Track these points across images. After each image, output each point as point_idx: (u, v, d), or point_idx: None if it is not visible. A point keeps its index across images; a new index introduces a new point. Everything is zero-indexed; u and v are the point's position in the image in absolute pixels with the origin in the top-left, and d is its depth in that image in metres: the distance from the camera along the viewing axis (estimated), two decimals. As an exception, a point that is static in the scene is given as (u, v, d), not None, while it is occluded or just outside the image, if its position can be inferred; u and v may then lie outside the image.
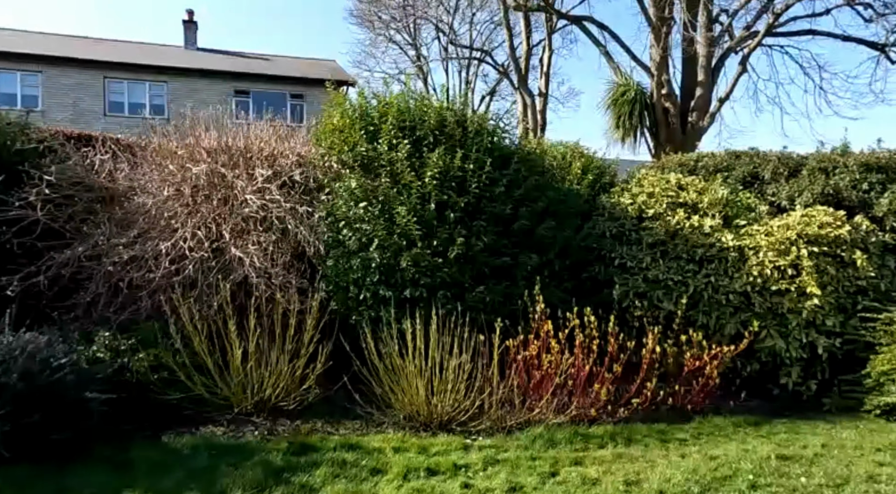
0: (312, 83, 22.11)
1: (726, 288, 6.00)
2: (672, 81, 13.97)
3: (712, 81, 13.36)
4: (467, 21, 25.87)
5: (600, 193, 7.32)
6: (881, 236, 6.16)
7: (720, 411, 5.39)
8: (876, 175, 6.58)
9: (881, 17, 11.94)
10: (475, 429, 4.76)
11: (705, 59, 13.09)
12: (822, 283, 5.81)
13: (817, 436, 4.81)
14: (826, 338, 5.78)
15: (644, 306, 6.03)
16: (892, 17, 11.99)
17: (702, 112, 13.25)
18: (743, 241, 6.14)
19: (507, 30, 19.72)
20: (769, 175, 7.10)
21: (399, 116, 5.92)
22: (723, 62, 13.42)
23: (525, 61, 20.69)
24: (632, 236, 6.65)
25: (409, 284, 5.43)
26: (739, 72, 13.08)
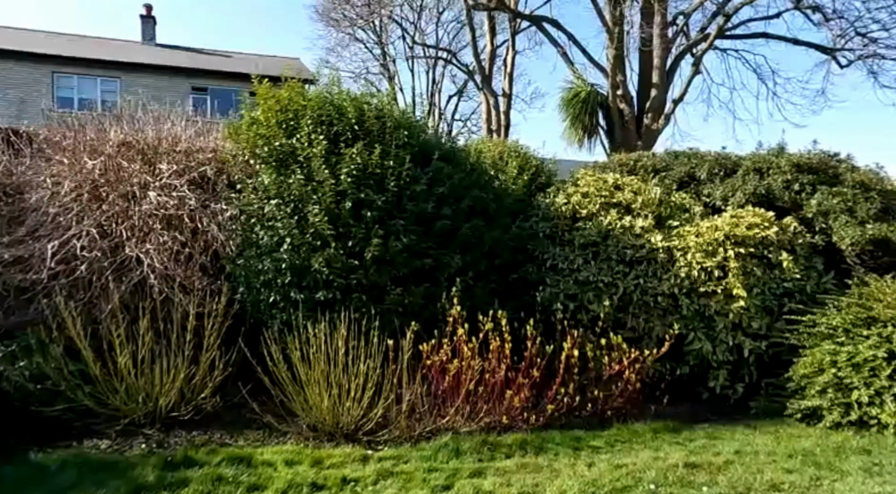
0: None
1: (655, 290, 5.88)
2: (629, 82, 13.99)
3: (667, 83, 13.39)
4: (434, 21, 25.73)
5: (536, 192, 7.18)
6: (808, 238, 6.12)
7: (643, 416, 5.25)
8: (807, 176, 6.54)
9: (829, 21, 12.09)
10: (383, 439, 4.53)
11: (660, 61, 13.11)
12: (749, 285, 5.73)
13: (734, 442, 4.70)
14: (752, 340, 5.70)
15: (570, 308, 5.88)
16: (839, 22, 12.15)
17: (657, 114, 13.26)
18: (672, 242, 6.04)
19: (471, 30, 19.57)
20: (705, 175, 7.03)
21: (318, 109, 5.67)
22: (678, 64, 13.47)
23: (489, 62, 20.57)
24: (565, 236, 6.51)
25: (322, 286, 5.18)
26: (693, 74, 13.13)
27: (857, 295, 5.56)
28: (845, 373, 4.98)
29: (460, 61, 24.28)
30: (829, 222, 6.18)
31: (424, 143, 5.94)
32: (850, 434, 4.79)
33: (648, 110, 13.31)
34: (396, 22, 23.54)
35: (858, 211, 6.07)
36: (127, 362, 4.43)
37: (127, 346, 4.44)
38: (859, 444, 4.57)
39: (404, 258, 5.35)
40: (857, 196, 6.17)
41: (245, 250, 5.47)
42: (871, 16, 11.98)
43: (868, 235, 5.86)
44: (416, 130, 5.93)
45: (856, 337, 5.12)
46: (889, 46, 12.48)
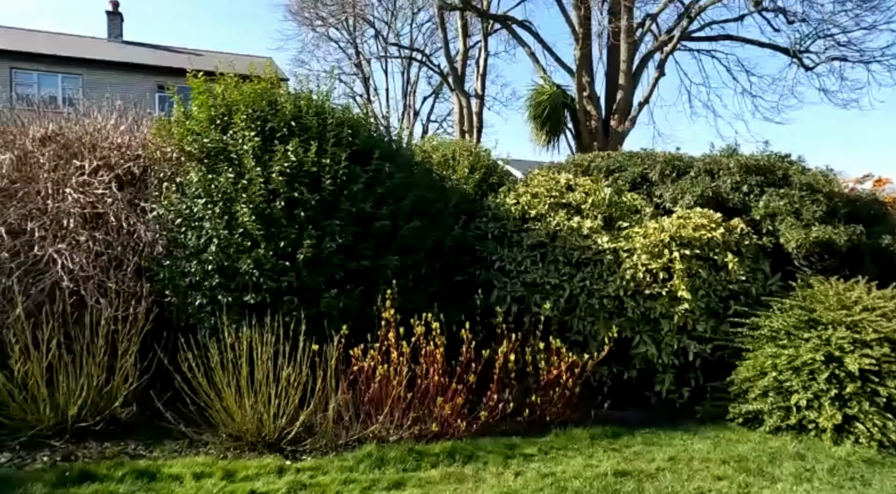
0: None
1: (601, 292, 5.77)
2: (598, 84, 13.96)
3: (634, 85, 13.37)
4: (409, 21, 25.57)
5: (488, 193, 7.04)
6: (755, 240, 6.06)
7: (585, 422, 5.11)
8: (755, 177, 6.49)
9: (789, 24, 12.19)
10: (308, 448, 4.33)
11: (626, 63, 13.09)
12: (695, 287, 5.65)
13: (671, 448, 4.58)
14: (698, 343, 5.61)
15: (514, 311, 5.73)
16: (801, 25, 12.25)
17: (623, 115, 13.24)
18: (619, 243, 5.94)
19: (443, 30, 19.44)
20: (657, 176, 6.95)
21: (252, 105, 5.46)
22: (644, 66, 13.47)
23: (462, 63, 20.45)
24: (514, 237, 6.37)
25: (252, 289, 4.96)
26: (658, 76, 13.14)
27: (801, 297, 5.50)
28: (785, 377, 4.91)
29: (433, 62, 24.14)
30: (775, 224, 6.13)
31: (367, 141, 5.75)
32: (788, 439, 4.71)
33: (615, 112, 13.29)
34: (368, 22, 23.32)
35: (804, 213, 6.03)
36: (32, 369, 4.16)
37: (34, 353, 4.18)
38: (795, 449, 4.49)
39: (340, 260, 5.16)
40: (804, 198, 6.13)
41: (173, 251, 5.24)
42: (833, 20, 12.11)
43: (812, 237, 5.82)
44: (360, 128, 5.74)
45: (797, 340, 5.06)
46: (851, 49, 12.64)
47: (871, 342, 4.72)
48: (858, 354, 4.66)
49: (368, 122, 5.94)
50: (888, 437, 4.38)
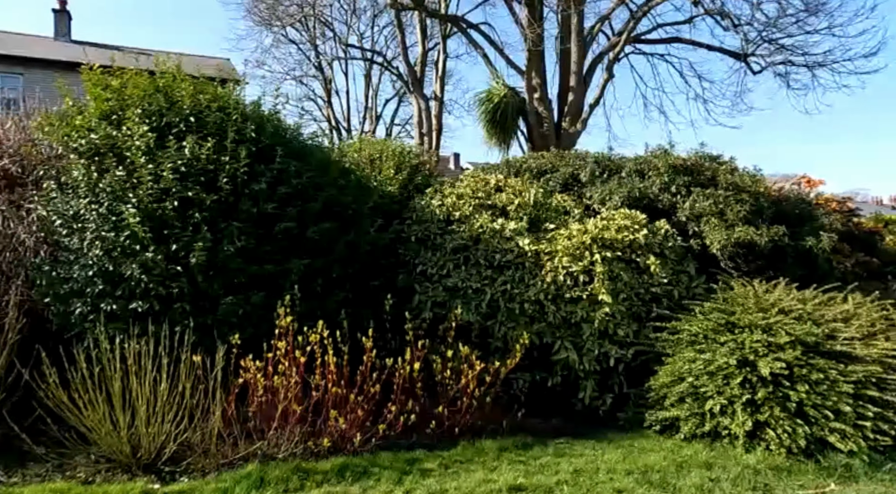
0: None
1: (522, 296, 5.57)
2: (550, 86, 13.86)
3: (585, 87, 13.31)
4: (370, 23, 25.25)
5: (415, 194, 6.80)
6: (679, 241, 5.93)
7: (500, 432, 4.88)
8: (683, 178, 6.39)
9: (737, 27, 12.27)
10: (188, 468, 4.00)
11: (577, 65, 13.01)
12: (616, 290, 5.48)
13: (581, 459, 4.38)
14: (619, 348, 5.44)
15: (429, 318, 5.49)
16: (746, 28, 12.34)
17: (574, 118, 13.15)
18: (540, 246, 5.75)
19: (400, 32, 19.19)
20: (587, 177, 6.80)
21: (146, 99, 5.13)
22: (595, 68, 13.41)
23: (421, 65, 20.22)
24: (437, 240, 6.14)
25: (139, 295, 4.62)
26: (606, 78, 13.09)
27: (722, 300, 5.38)
28: (701, 382, 4.76)
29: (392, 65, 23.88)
30: (701, 225, 6.02)
31: (276, 138, 5.45)
32: (701, 447, 4.56)
33: (566, 114, 13.20)
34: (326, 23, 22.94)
35: (728, 213, 5.94)
36: None
37: None
38: (706, 457, 4.33)
39: (239, 264, 4.84)
40: (729, 198, 6.04)
41: (58, 256, 4.86)
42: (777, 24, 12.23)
43: (734, 237, 5.72)
44: (267, 125, 5.44)
45: (714, 344, 4.92)
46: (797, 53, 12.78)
47: (784, 345, 4.60)
48: (771, 358, 4.53)
49: (278, 118, 5.64)
50: (797, 443, 4.25)
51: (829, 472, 4.08)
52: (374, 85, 26.71)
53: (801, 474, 4.07)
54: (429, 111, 19.32)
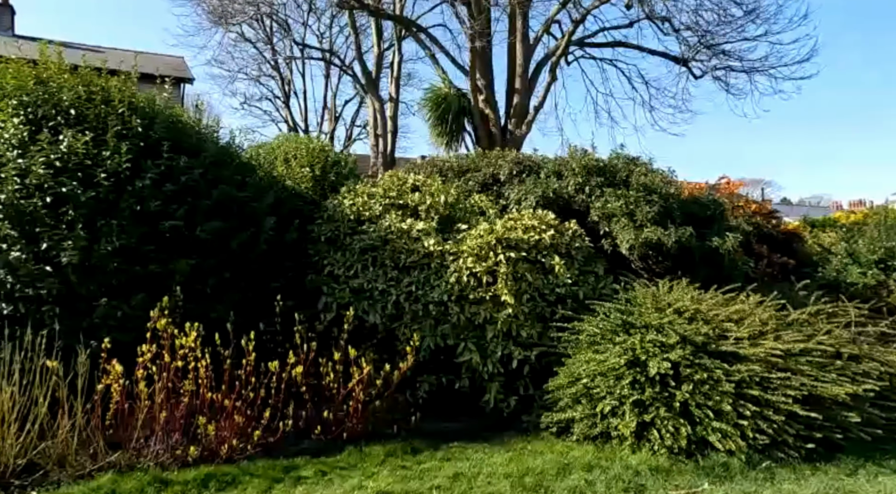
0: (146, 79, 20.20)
1: (426, 298, 5.47)
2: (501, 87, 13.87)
3: (531, 89, 13.34)
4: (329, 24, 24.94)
5: (329, 193, 6.65)
6: (588, 241, 5.91)
7: (394, 437, 4.76)
8: (597, 178, 6.39)
9: (677, 32, 12.46)
10: (42, 481, 3.76)
11: (521, 68, 13.04)
12: (520, 291, 5.42)
13: (468, 462, 4.29)
14: (523, 350, 5.38)
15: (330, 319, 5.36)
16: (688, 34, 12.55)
17: (520, 119, 13.17)
18: (446, 246, 5.66)
19: (354, 32, 19.01)
20: (505, 177, 6.75)
21: (20, 89, 4.87)
22: (540, 70, 13.45)
23: (376, 66, 20.04)
24: (346, 240, 6.00)
25: (3, 297, 4.36)
26: (550, 80, 13.16)
27: (624, 301, 5.37)
28: (595, 383, 4.72)
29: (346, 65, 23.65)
30: (611, 226, 6.02)
31: (170, 133, 5.23)
32: (591, 448, 4.52)
33: (512, 116, 13.21)
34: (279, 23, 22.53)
35: (638, 214, 5.95)
36: None
37: None
38: (591, 459, 4.28)
39: (119, 264, 4.63)
40: (640, 199, 6.05)
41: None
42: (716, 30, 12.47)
43: (642, 238, 5.72)
44: (158, 119, 5.22)
45: (610, 344, 4.89)
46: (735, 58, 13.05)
47: (673, 345, 4.59)
48: (660, 358, 4.52)
49: (174, 112, 5.43)
50: (679, 443, 4.24)
51: (707, 472, 4.06)
52: (333, 86, 26.41)
53: (680, 474, 4.05)
54: (384, 112, 19.16)
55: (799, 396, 4.33)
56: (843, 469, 4.13)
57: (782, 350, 4.53)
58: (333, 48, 24.87)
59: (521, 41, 12.94)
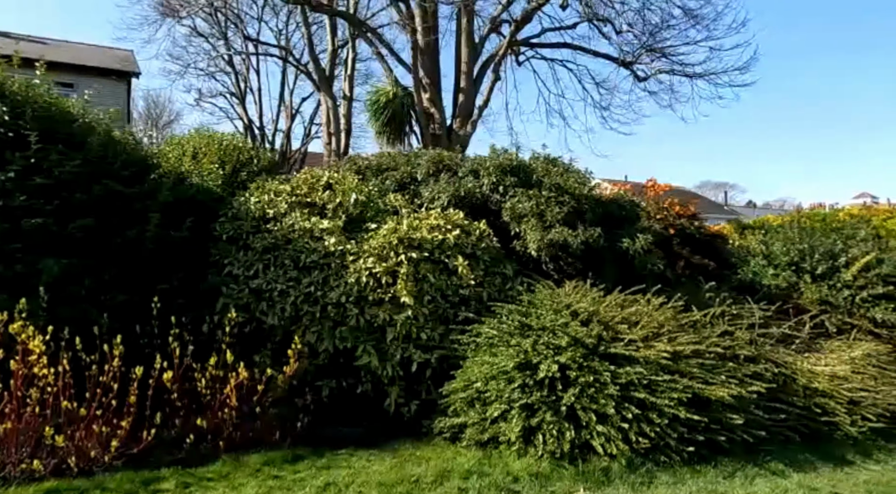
0: (89, 72, 19.52)
1: (325, 299, 5.28)
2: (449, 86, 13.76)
3: (475, 88, 13.27)
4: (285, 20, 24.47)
5: (239, 190, 6.40)
6: (496, 242, 5.80)
7: (278, 444, 4.55)
8: (511, 178, 6.30)
9: (619, 34, 12.56)
10: None
11: (466, 66, 12.97)
12: (422, 292, 5.28)
13: (347, 470, 4.13)
14: (423, 353, 5.23)
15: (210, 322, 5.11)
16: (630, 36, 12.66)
17: (465, 119, 13.09)
18: (347, 246, 5.48)
19: (306, 28, 18.70)
20: (422, 176, 6.61)
21: None
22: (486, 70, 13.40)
23: (330, 63, 19.73)
24: (249, 239, 5.76)
25: None
26: (494, 80, 13.14)
27: (527, 302, 5.28)
28: (488, 387, 4.61)
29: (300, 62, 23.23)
30: (521, 226, 5.94)
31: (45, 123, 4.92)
32: (479, 454, 4.40)
33: (457, 115, 13.12)
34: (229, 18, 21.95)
35: (547, 214, 5.87)
36: None
37: None
38: (474, 465, 4.17)
39: (-23, 264, 4.32)
40: (551, 200, 5.98)
41: None
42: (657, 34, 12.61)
43: (548, 238, 5.65)
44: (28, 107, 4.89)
45: (506, 347, 4.78)
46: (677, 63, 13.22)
47: (565, 346, 4.51)
48: (550, 361, 4.43)
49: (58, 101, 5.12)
50: (563, 448, 4.15)
51: (587, 477, 3.99)
52: (290, 83, 25.93)
53: (559, 479, 3.97)
54: (337, 110, 18.86)
55: (684, 398, 4.29)
56: (721, 472, 4.11)
57: (669, 353, 4.49)
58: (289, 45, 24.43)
59: (466, 40, 12.87)
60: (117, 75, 20.29)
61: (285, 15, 25.18)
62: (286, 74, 26.12)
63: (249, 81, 26.17)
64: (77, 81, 19.51)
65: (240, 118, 26.21)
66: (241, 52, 23.89)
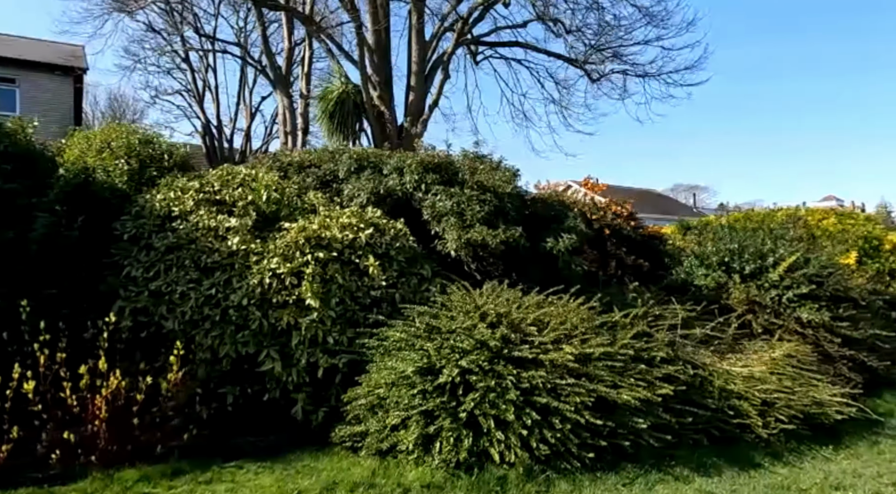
0: (31, 67, 18.81)
1: (226, 301, 5.00)
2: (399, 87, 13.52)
3: (426, 87, 13.07)
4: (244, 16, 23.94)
5: (147, 187, 6.06)
6: (411, 241, 5.59)
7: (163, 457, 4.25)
8: (432, 175, 6.11)
9: (568, 33, 12.50)
10: None
11: (417, 65, 12.75)
12: (330, 294, 5.04)
13: (230, 484, 3.87)
14: (330, 357, 4.99)
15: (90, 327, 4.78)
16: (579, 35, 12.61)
17: (415, 118, 12.87)
18: (251, 245, 5.21)
19: (261, 25, 18.27)
20: (343, 174, 6.37)
21: None
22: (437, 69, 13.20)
23: (286, 61, 19.37)
24: (151, 239, 5.44)
25: None
26: (443, 78, 12.94)
27: (440, 304, 5.08)
28: (390, 392, 4.39)
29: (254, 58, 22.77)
30: (441, 225, 5.74)
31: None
32: (376, 463, 4.17)
33: (408, 114, 12.89)
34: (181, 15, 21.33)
35: (468, 213, 5.69)
36: None
37: None
38: (366, 477, 3.95)
39: None
40: (472, 199, 5.80)
41: None
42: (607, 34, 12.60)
43: (465, 238, 5.48)
44: None
45: (409, 351, 4.57)
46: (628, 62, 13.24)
47: (470, 350, 4.33)
48: (453, 364, 4.24)
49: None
50: (460, 456, 3.96)
51: (481, 486, 3.80)
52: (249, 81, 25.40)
53: (452, 490, 3.77)
54: (293, 109, 18.47)
55: (588, 402, 4.14)
56: (623, 479, 3.97)
57: (574, 355, 4.33)
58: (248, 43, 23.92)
59: (416, 38, 12.65)
60: (62, 71, 19.55)
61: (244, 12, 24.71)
62: (245, 71, 25.61)
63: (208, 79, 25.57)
64: (17, 75, 18.78)
65: (197, 117, 25.58)
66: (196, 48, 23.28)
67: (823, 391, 5.22)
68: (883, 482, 4.05)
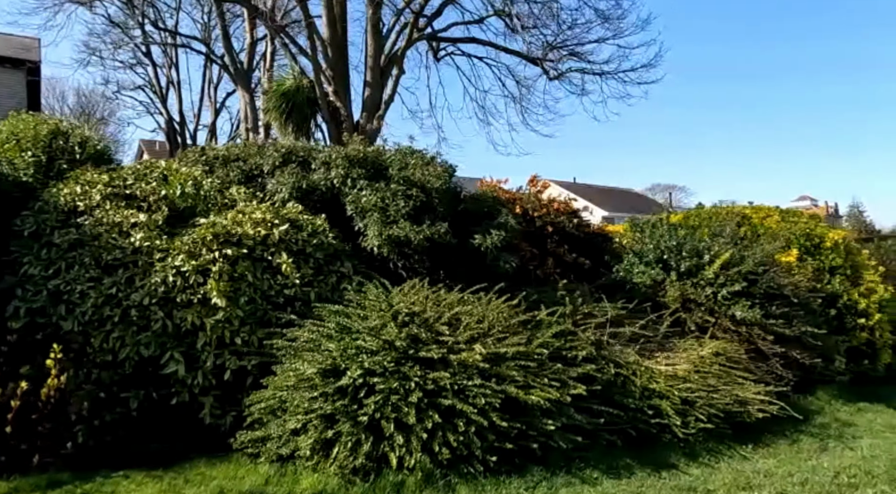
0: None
1: (128, 301, 4.74)
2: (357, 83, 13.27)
3: (382, 82, 12.84)
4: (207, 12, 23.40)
5: (55, 181, 5.75)
6: (331, 238, 5.38)
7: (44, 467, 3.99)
8: (358, 170, 5.90)
9: (525, 29, 12.38)
10: None
11: (372, 60, 12.52)
12: (239, 292, 4.81)
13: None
14: (238, 359, 4.76)
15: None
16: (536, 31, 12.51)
17: (371, 114, 12.64)
18: (156, 242, 4.95)
19: (220, 19, 17.90)
20: (268, 168, 6.13)
21: None
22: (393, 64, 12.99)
23: (248, 56, 18.96)
24: (53, 235, 5.14)
25: None
26: (398, 74, 12.73)
27: (356, 303, 4.89)
28: (292, 395, 4.18)
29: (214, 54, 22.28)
30: (365, 221, 5.54)
31: None
32: (271, 471, 3.97)
33: (363, 110, 12.66)
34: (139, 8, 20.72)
35: (391, 209, 5.50)
36: None
37: None
38: (258, 485, 3.78)
39: None
40: (398, 194, 5.61)
41: None
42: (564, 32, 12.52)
43: (386, 234, 5.29)
44: None
45: (316, 351, 4.37)
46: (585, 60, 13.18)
47: (377, 350, 4.14)
48: (357, 366, 4.05)
49: None
50: (358, 462, 3.77)
51: (377, 492, 3.61)
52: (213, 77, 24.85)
53: (344, 499, 3.58)
54: (255, 105, 18.09)
55: (496, 403, 3.99)
56: (527, 483, 3.83)
57: (483, 355, 4.18)
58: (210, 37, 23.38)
59: (372, 32, 12.41)
60: (11, 63, 18.87)
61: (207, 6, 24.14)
62: (210, 67, 25.05)
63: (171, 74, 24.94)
64: (-34, 68, 18.07)
65: (160, 113, 24.94)
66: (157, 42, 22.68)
67: (748, 390, 5.15)
68: (792, 481, 3.97)
